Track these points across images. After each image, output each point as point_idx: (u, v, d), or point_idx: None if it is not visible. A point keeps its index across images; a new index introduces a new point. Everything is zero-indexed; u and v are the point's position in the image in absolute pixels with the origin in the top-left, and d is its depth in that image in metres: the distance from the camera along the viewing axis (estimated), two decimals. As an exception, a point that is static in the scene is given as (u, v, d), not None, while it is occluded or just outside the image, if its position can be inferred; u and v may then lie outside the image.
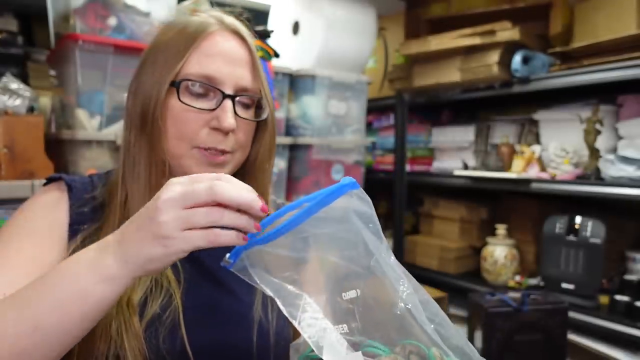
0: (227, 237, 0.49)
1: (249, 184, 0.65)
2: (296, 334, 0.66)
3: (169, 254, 0.49)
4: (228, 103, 0.68)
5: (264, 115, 0.73)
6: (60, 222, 0.68)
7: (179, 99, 0.67)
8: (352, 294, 0.53)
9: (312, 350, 0.49)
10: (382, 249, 0.53)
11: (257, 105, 0.74)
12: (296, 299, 0.50)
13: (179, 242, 0.48)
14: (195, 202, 0.48)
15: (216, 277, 0.72)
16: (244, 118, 0.70)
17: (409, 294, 0.52)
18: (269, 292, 0.51)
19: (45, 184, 0.73)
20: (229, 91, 0.68)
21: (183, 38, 0.68)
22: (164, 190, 0.49)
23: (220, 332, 0.69)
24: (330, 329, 0.49)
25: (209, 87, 0.68)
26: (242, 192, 0.49)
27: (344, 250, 0.53)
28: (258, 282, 0.51)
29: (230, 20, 0.72)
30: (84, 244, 0.64)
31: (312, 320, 0.49)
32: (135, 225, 0.50)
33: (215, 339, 0.68)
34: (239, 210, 0.49)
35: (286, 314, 0.50)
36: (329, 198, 0.51)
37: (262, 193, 0.73)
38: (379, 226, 0.54)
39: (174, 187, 0.49)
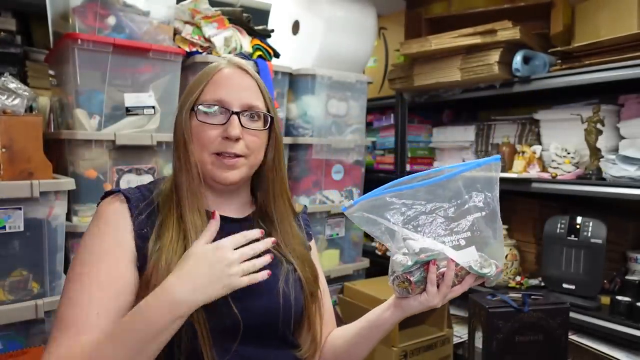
0: (260, 261, 0.82)
1: (266, 184, 1.00)
2: (306, 299, 0.97)
3: (228, 290, 0.79)
4: (234, 117, 0.90)
5: (266, 126, 0.95)
6: (126, 231, 0.87)
7: (197, 119, 0.91)
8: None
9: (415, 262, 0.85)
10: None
11: (265, 119, 0.95)
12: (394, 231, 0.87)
13: (236, 279, 0.78)
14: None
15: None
16: (249, 128, 0.92)
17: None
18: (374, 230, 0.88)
19: (103, 197, 0.93)
20: (236, 109, 0.90)
21: (202, 75, 0.95)
22: (220, 253, 0.79)
23: (259, 300, 0.90)
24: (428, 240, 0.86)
25: (221, 108, 0.91)
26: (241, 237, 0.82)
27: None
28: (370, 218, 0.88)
29: (237, 59, 0.97)
30: (154, 238, 0.88)
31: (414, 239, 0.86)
32: (207, 279, 0.77)
33: (255, 305, 0.90)
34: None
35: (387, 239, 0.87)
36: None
37: (280, 190, 1.00)
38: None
39: (225, 251, 0.79)
